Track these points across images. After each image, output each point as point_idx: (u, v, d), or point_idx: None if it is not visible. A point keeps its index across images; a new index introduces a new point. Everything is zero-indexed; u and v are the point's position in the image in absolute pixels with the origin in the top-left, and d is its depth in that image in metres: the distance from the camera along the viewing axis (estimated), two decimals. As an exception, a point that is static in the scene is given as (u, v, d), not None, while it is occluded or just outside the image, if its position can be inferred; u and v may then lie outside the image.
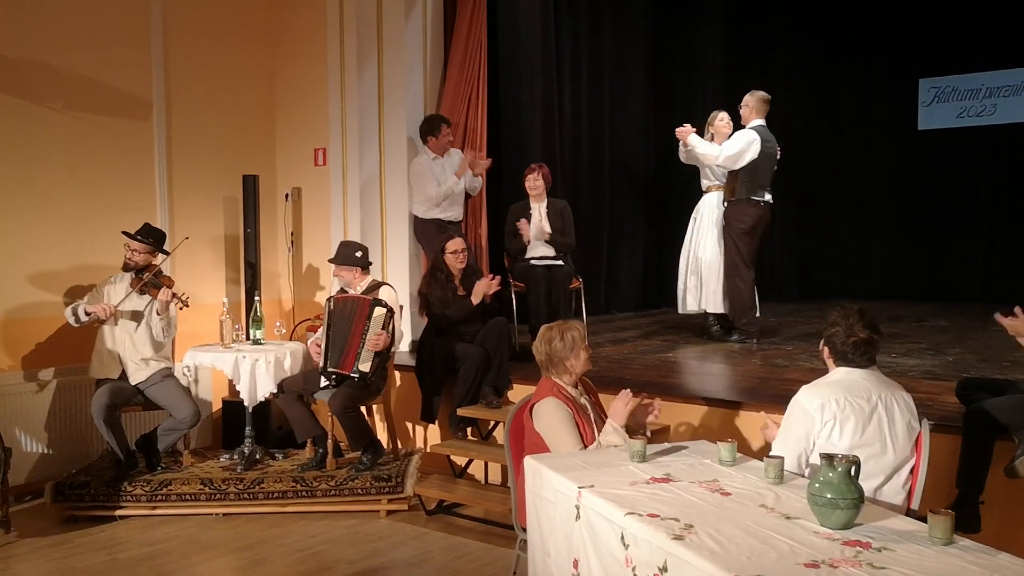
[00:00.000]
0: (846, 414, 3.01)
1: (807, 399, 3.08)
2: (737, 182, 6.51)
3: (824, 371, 3.30)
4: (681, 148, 6.78)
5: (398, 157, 6.68)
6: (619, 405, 3.57)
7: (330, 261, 5.68)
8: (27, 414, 5.58)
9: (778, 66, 9.96)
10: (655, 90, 9.54)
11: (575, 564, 2.87)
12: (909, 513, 2.91)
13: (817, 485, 2.44)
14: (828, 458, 2.47)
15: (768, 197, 6.52)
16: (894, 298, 8.94)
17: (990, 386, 4.08)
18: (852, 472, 2.44)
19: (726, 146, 6.52)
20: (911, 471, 3.10)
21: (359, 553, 4.69)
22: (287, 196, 7.18)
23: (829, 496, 2.40)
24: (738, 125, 6.70)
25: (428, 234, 6.42)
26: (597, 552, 2.72)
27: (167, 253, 5.62)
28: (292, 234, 7.16)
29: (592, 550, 2.75)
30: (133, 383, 5.38)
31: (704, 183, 6.97)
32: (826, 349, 3.23)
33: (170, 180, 6.49)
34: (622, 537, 2.57)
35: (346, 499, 5.27)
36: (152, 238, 5.49)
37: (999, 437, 3.76)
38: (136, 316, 5.43)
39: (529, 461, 3.28)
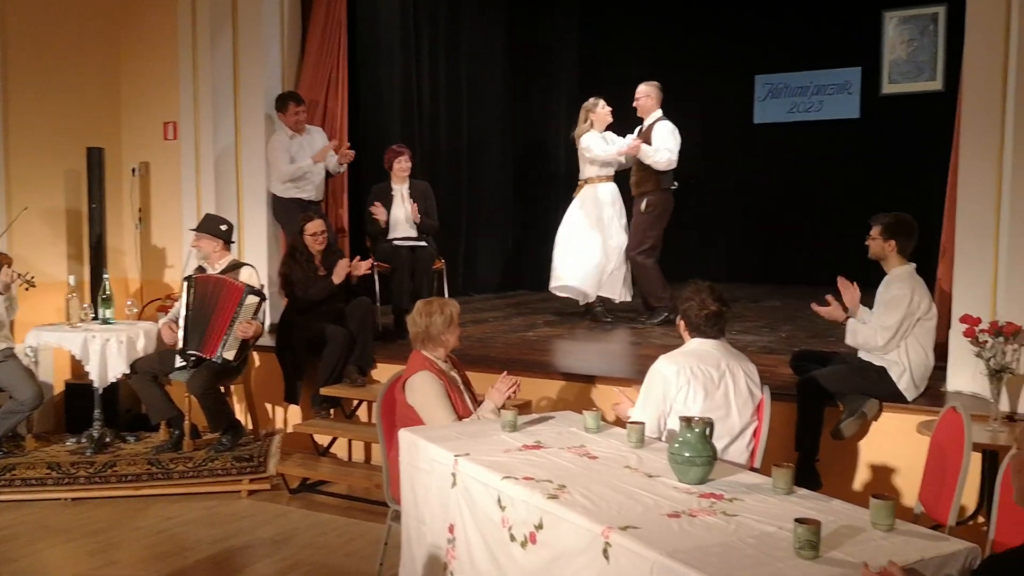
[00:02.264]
0: (698, 380, 3.29)
1: (664, 366, 3.36)
2: (659, 173, 6.53)
3: (675, 345, 3.57)
4: (613, 155, 6.69)
5: (255, 134, 6.56)
6: (501, 388, 3.73)
7: (193, 229, 5.55)
8: None
9: (630, 55, 10.34)
10: (512, 74, 9.73)
11: (451, 529, 3.00)
12: (753, 471, 3.21)
13: (676, 445, 2.68)
14: (686, 420, 2.71)
15: (675, 184, 6.67)
16: (732, 280, 9.50)
17: (819, 358, 4.52)
18: (707, 432, 2.68)
19: (667, 146, 6.49)
20: (753, 433, 3.42)
21: (220, 533, 4.65)
22: (134, 170, 6.91)
23: (687, 455, 2.64)
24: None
25: (287, 213, 6.36)
26: (474, 516, 2.86)
27: None
28: (140, 210, 6.91)
29: (469, 515, 2.89)
30: (-29, 366, 5.10)
31: (588, 174, 6.92)
32: (682, 322, 3.51)
33: (5, 149, 6.14)
34: (499, 500, 2.72)
35: (205, 480, 5.20)
36: None
37: (828, 403, 4.19)
38: None
39: (404, 434, 3.38)
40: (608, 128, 6.87)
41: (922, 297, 4.11)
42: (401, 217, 6.32)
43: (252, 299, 5.26)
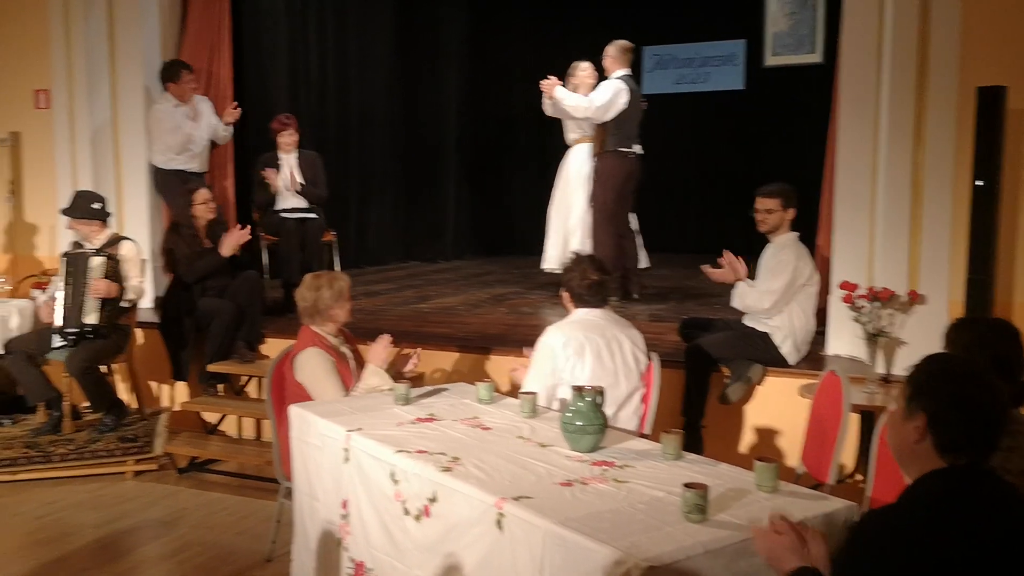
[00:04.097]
0: (585, 349, 3.35)
1: (552, 337, 3.40)
2: (606, 134, 6.15)
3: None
4: (546, 101, 6.24)
5: (133, 104, 6.28)
6: (378, 348, 3.72)
7: (63, 213, 5.28)
8: None
9: (519, 24, 10.32)
10: (401, 41, 9.58)
11: (344, 505, 2.98)
12: (643, 437, 3.29)
13: (568, 414, 2.72)
14: (577, 389, 2.75)
15: (637, 149, 6.20)
16: (623, 250, 9.69)
17: (705, 325, 4.65)
18: (598, 401, 2.73)
19: (594, 96, 6.09)
20: (642, 399, 3.50)
21: (106, 516, 4.50)
22: (3, 141, 6.53)
23: (579, 423, 2.69)
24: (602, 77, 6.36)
25: (170, 185, 6.14)
26: (367, 491, 2.84)
27: None
28: (12, 183, 6.54)
29: (362, 490, 2.87)
30: None
31: (571, 136, 6.63)
32: (565, 294, 3.56)
33: None
34: (392, 474, 2.71)
35: (88, 463, 5.00)
36: None
37: (714, 369, 4.32)
38: None
39: (294, 409, 3.33)
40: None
41: (806, 264, 4.27)
42: (287, 188, 6.18)
43: (97, 259, 5.05)
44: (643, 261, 6.60)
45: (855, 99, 4.70)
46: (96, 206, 5.24)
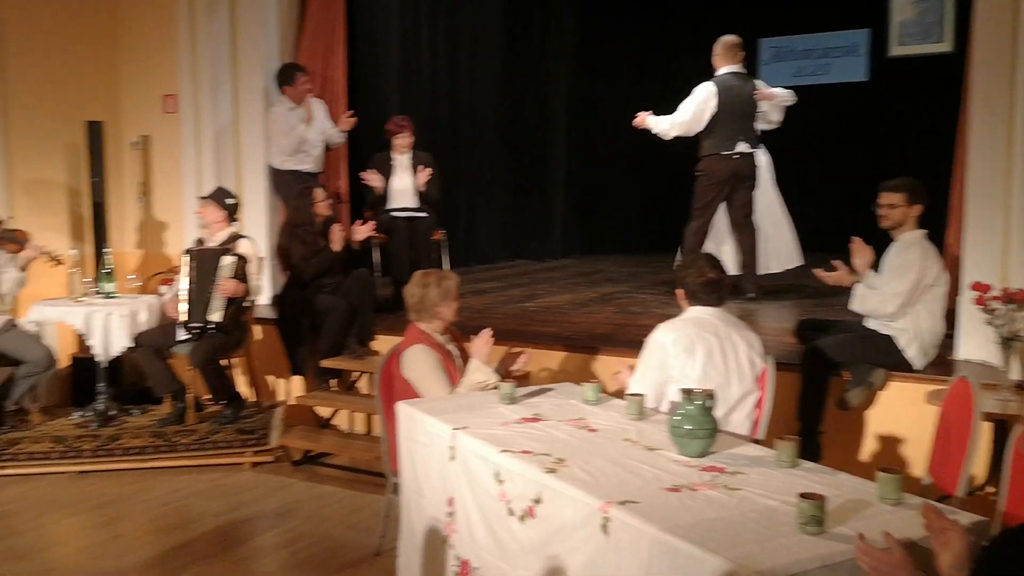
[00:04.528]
0: (696, 348, 3.25)
1: (662, 334, 3.34)
2: (704, 138, 6.13)
3: (677, 314, 3.53)
4: (655, 130, 6.18)
5: (253, 106, 6.50)
6: (479, 343, 3.73)
7: (202, 197, 5.53)
8: None
9: (631, 19, 10.20)
10: (511, 40, 9.61)
11: (450, 503, 2.98)
12: (755, 442, 3.17)
13: (677, 417, 2.64)
14: (687, 392, 2.67)
15: (741, 147, 6.06)
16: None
17: (824, 326, 4.46)
18: (708, 404, 2.64)
19: (676, 114, 6.08)
20: (755, 404, 3.38)
21: (225, 505, 4.66)
22: (135, 144, 6.86)
23: (688, 427, 2.60)
24: None
25: (286, 186, 6.31)
26: (472, 490, 2.83)
27: None
28: (142, 184, 6.86)
29: (467, 488, 2.86)
30: (-20, 342, 5.09)
31: None
32: (680, 291, 3.47)
33: (5, 125, 6.09)
34: (497, 474, 2.69)
35: (209, 453, 5.20)
36: None
37: (833, 373, 4.14)
38: None
39: (402, 406, 3.35)
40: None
41: (933, 263, 4.03)
42: (400, 187, 6.25)
43: (227, 258, 5.23)
44: (795, 259, 6.48)
45: (988, 90, 4.43)
46: (229, 201, 5.46)
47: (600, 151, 10.34)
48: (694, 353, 3.26)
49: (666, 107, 6.17)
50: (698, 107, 6.03)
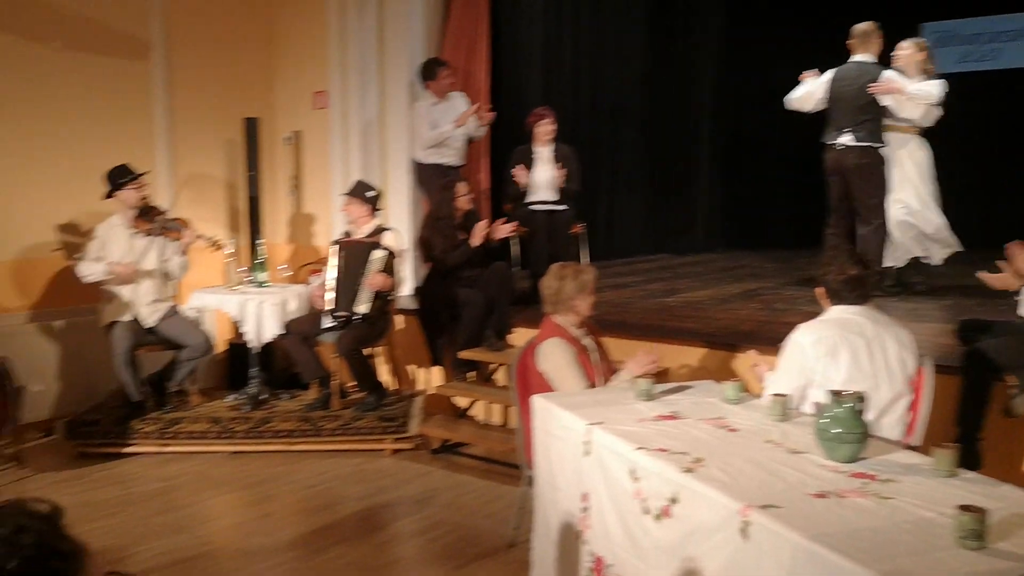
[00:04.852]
0: (839, 350, 3.08)
1: (802, 335, 3.17)
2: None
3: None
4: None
5: (399, 101, 6.65)
6: (641, 360, 3.64)
7: (344, 194, 5.70)
8: (37, 354, 5.63)
9: (781, 9, 9.86)
10: (655, 32, 9.47)
11: (584, 498, 2.95)
12: (909, 449, 2.99)
13: (824, 420, 2.51)
14: (835, 393, 2.54)
15: (843, 140, 5.81)
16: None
17: (987, 327, 4.16)
18: (858, 407, 2.51)
19: (796, 88, 6.00)
20: (908, 407, 3.18)
21: (367, 490, 4.80)
22: (287, 139, 7.15)
23: (836, 431, 2.48)
24: None
25: (429, 179, 6.42)
26: (607, 486, 2.80)
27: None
28: (294, 178, 7.15)
29: (602, 485, 2.83)
30: (147, 326, 5.42)
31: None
32: (821, 289, 3.30)
33: (171, 122, 6.47)
34: (632, 472, 2.64)
35: (352, 438, 5.36)
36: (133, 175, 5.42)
37: (996, 377, 3.86)
38: (150, 261, 5.44)
39: (538, 399, 3.35)
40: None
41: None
42: (540, 181, 6.24)
43: (378, 253, 5.37)
44: (955, 245, 6.15)
45: None
46: (370, 194, 5.61)
47: (747, 143, 10.06)
48: (838, 356, 3.08)
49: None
50: (809, 90, 5.96)
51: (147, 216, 5.41)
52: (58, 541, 0.99)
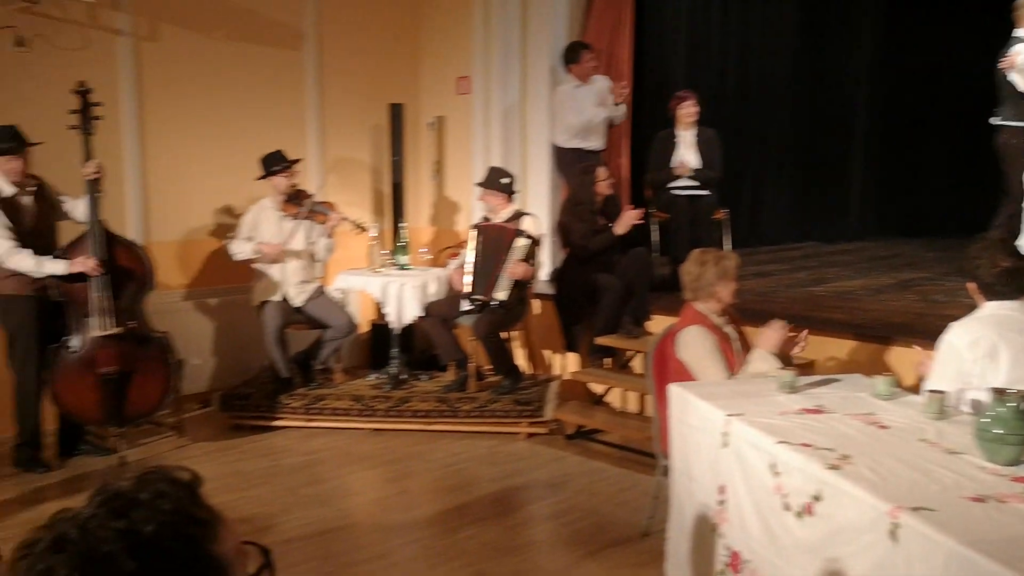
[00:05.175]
0: (999, 350, 2.85)
1: (956, 336, 2.95)
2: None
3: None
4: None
5: (540, 85, 6.64)
6: (770, 333, 3.50)
7: (478, 184, 5.75)
8: (195, 329, 5.98)
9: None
10: (809, 9, 9.07)
11: (721, 490, 2.87)
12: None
13: (985, 420, 2.34)
14: (998, 392, 2.36)
15: (994, 119, 5.46)
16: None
17: None
18: (1022, 407, 2.32)
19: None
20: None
21: (501, 472, 4.84)
22: (431, 124, 7.27)
23: (998, 431, 2.30)
24: None
25: (569, 164, 6.39)
26: (745, 480, 2.70)
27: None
28: (437, 162, 7.27)
29: (740, 478, 2.74)
30: (295, 305, 5.64)
31: None
32: (972, 284, 3.06)
33: (322, 109, 6.69)
34: (772, 466, 2.54)
35: (488, 421, 5.42)
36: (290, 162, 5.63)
37: None
38: (298, 243, 5.65)
39: (674, 388, 3.27)
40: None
41: None
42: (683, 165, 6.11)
43: (522, 241, 5.37)
44: None
45: None
46: (504, 181, 5.63)
47: (905, 123, 9.53)
48: (997, 358, 2.84)
49: (988, 80, 5.51)
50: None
51: (296, 200, 5.62)
52: (195, 509, 1.03)
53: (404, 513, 4.29)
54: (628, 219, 5.42)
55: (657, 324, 5.34)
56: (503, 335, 5.65)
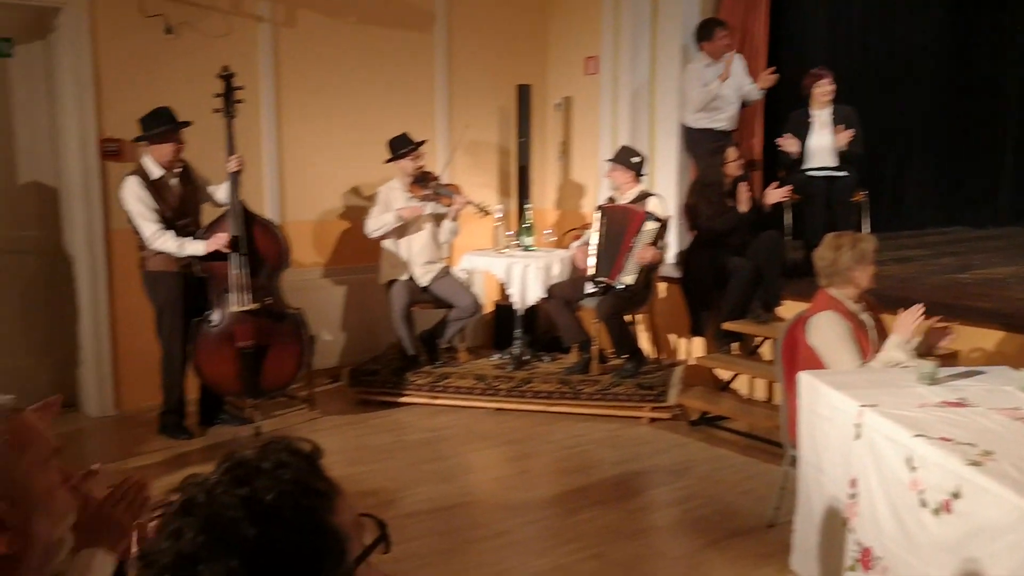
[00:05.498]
0: None
1: None
2: None
3: None
4: None
5: (670, 64, 6.49)
6: (907, 319, 3.32)
7: (608, 160, 5.70)
8: (327, 306, 6.17)
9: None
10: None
11: (852, 483, 2.75)
12: None
13: None
14: None
15: None
16: None
17: None
18: None
19: None
20: None
21: (622, 456, 4.81)
22: (558, 105, 7.24)
23: None
24: None
25: (698, 144, 6.24)
26: (879, 473, 2.58)
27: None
28: (563, 144, 7.24)
29: (873, 471, 2.62)
30: (421, 285, 5.74)
31: None
32: None
33: (450, 90, 6.76)
34: (908, 460, 2.42)
35: (609, 404, 5.39)
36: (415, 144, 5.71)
37: None
38: (423, 223, 5.75)
39: (805, 376, 3.16)
40: None
41: None
42: (818, 145, 5.84)
43: (651, 225, 5.28)
44: None
45: None
46: (635, 160, 5.56)
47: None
48: None
49: None
50: None
51: (422, 182, 5.70)
52: (314, 480, 1.05)
53: (524, 493, 4.32)
54: (748, 195, 5.26)
55: (788, 310, 5.17)
56: (627, 318, 5.59)
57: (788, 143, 5.86)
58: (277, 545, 0.97)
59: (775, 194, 5.40)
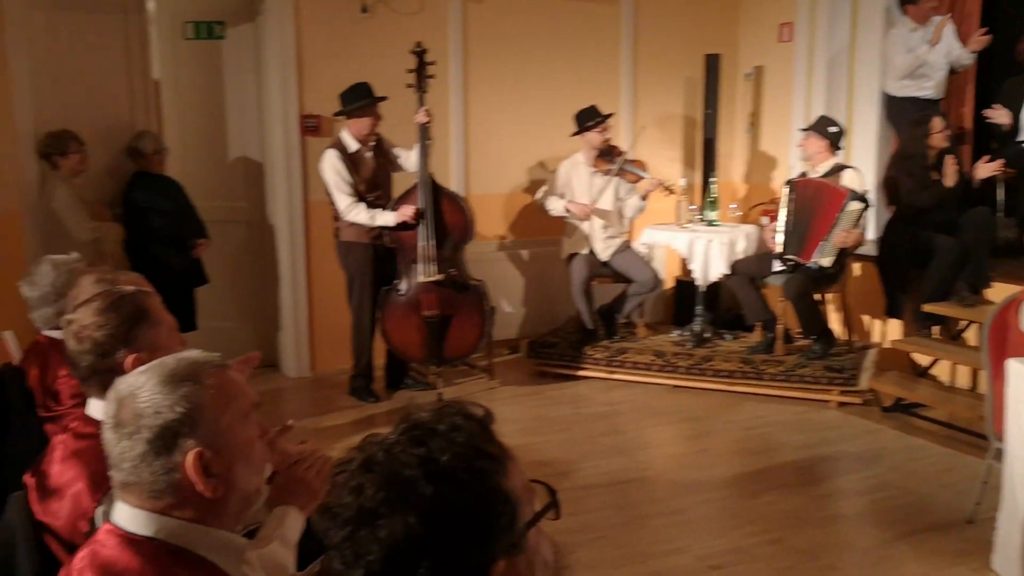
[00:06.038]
0: None
1: None
2: None
3: None
4: None
5: (872, 29, 6.12)
6: None
7: (802, 129, 5.49)
8: (507, 279, 6.28)
9: None
10: None
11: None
12: None
13: None
14: None
15: None
16: None
17: None
18: None
19: None
20: None
21: (807, 440, 4.64)
22: (748, 75, 6.99)
23: None
24: None
25: (901, 114, 5.85)
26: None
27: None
28: (752, 115, 6.99)
29: (1092, 469, 2.39)
30: (601, 259, 5.72)
31: None
32: None
33: (635, 62, 6.67)
34: None
35: (794, 386, 5.19)
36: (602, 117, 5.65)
37: None
38: (607, 199, 5.72)
39: (1013, 365, 2.93)
40: None
41: None
42: (1037, 114, 5.38)
43: (855, 205, 5.00)
44: None
45: None
46: (832, 130, 5.30)
47: None
48: None
49: None
50: None
51: (608, 157, 5.66)
52: (487, 443, 1.06)
53: (702, 471, 4.24)
54: (952, 167, 4.91)
55: (997, 293, 4.79)
56: (816, 297, 5.35)
57: (998, 114, 5.40)
58: (452, 504, 1.00)
59: (986, 168, 4.99)
